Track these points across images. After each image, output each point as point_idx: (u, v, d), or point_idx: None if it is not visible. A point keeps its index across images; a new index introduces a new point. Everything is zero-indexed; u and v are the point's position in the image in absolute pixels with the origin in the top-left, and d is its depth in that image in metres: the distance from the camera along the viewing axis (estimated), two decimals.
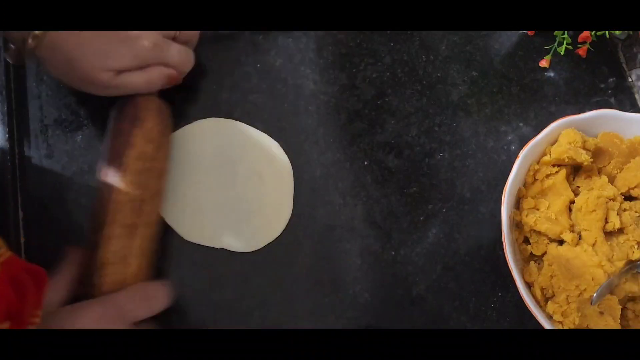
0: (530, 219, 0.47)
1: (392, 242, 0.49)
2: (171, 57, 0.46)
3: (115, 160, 0.44)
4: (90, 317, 0.38)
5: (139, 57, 0.43)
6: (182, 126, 0.51)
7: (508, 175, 0.46)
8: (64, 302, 0.41)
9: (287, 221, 0.49)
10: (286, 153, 0.51)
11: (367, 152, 0.52)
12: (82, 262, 0.43)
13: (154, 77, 0.45)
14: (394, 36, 0.56)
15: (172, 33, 0.46)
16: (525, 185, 0.48)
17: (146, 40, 0.43)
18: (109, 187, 0.43)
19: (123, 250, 0.43)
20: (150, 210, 0.45)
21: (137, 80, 0.44)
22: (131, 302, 0.41)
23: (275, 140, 0.51)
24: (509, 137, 0.53)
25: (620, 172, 0.49)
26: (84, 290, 0.42)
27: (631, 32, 0.56)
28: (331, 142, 0.52)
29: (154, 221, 0.46)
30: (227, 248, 0.48)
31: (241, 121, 0.52)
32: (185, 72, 0.48)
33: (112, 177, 0.43)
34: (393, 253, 0.49)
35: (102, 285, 0.42)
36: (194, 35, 0.49)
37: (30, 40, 0.40)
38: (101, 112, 0.51)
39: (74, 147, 0.50)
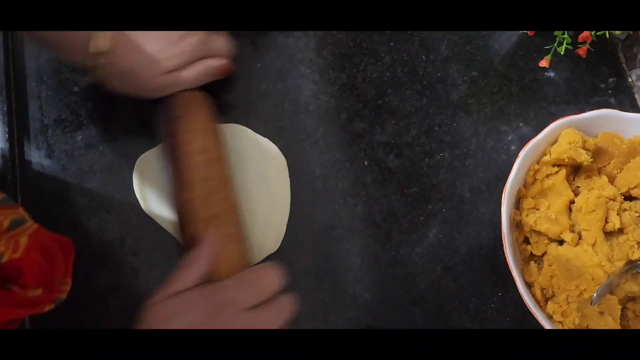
0: (530, 219, 0.47)
1: (392, 242, 0.49)
2: (218, 48, 0.48)
3: (175, 160, 0.45)
4: (201, 307, 0.38)
5: (190, 53, 0.45)
6: None
7: (508, 175, 0.46)
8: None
9: (280, 239, 0.49)
10: (286, 153, 0.51)
11: (367, 152, 0.52)
12: (213, 259, 0.41)
13: (203, 70, 0.47)
14: (394, 36, 0.56)
15: None
16: (525, 185, 0.48)
17: (193, 36, 0.45)
18: (181, 188, 0.44)
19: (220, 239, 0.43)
20: (225, 196, 0.45)
21: (189, 76, 0.46)
22: (240, 289, 0.40)
23: (275, 140, 0.51)
24: (509, 137, 0.53)
25: (620, 172, 0.49)
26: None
27: (631, 32, 0.56)
28: (331, 142, 0.52)
29: (233, 207, 0.45)
30: None
31: (241, 122, 0.51)
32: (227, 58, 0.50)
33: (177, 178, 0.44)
34: (393, 253, 0.49)
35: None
36: None
37: (93, 60, 0.43)
38: (101, 112, 0.51)
39: (74, 147, 0.50)
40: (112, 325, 0.45)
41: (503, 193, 0.46)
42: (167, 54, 0.44)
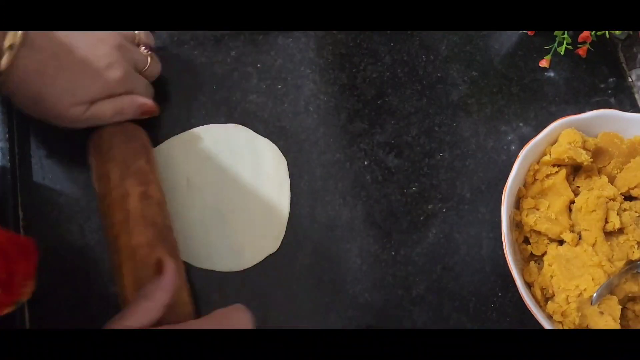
0: (530, 219, 0.47)
1: (392, 242, 0.49)
2: (138, 89, 0.45)
3: (101, 195, 0.44)
4: None
5: (108, 89, 0.43)
6: (178, 133, 0.50)
7: (508, 175, 0.46)
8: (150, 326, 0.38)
9: (280, 239, 0.48)
10: (286, 153, 0.51)
11: (367, 152, 0.52)
12: (175, 287, 0.39)
13: (125, 106, 0.44)
14: (394, 36, 0.56)
15: (139, 65, 0.46)
16: (525, 185, 0.48)
17: (117, 71, 0.43)
18: (108, 225, 0.43)
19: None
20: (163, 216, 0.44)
21: (106, 111, 0.43)
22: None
23: (275, 140, 0.51)
24: (509, 137, 0.53)
25: (620, 172, 0.49)
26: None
27: (631, 32, 0.56)
28: (331, 142, 0.52)
29: (170, 235, 0.44)
30: (215, 269, 0.47)
31: (241, 122, 0.51)
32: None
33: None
34: (393, 253, 0.49)
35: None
36: (157, 70, 0.48)
37: None
38: None
39: (74, 147, 0.50)
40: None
41: (503, 193, 0.46)
42: (81, 86, 0.41)
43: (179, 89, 0.52)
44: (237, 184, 0.49)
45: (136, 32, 0.46)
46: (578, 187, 0.48)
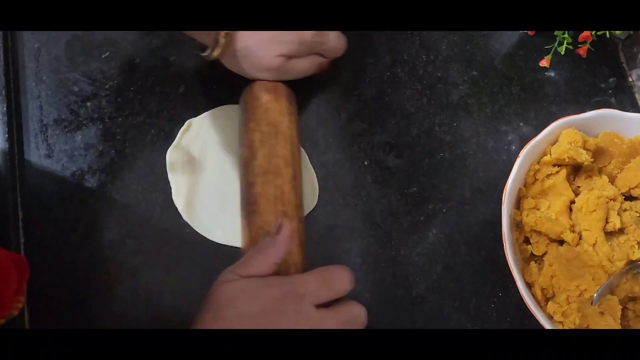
0: (530, 219, 0.46)
1: (392, 242, 0.49)
2: (330, 42, 0.50)
3: (245, 148, 0.47)
4: (271, 295, 0.38)
5: (304, 43, 0.47)
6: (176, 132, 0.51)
7: (508, 175, 0.46)
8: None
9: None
10: None
11: (367, 152, 0.52)
12: (287, 250, 0.41)
13: (312, 64, 0.50)
14: (394, 36, 0.56)
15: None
16: (526, 185, 0.48)
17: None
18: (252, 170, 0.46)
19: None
20: (294, 189, 0.46)
21: (301, 66, 0.49)
22: (312, 284, 0.40)
23: None
24: (510, 137, 0.53)
25: (620, 172, 0.49)
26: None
27: (631, 32, 0.56)
28: (331, 142, 0.52)
29: (299, 203, 0.47)
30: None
31: None
32: (336, 57, 0.52)
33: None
34: (393, 253, 0.49)
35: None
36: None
37: (222, 39, 0.45)
38: (101, 112, 0.51)
39: (74, 147, 0.50)
40: (112, 325, 0.45)
41: (503, 193, 0.46)
42: (282, 40, 0.46)
43: (179, 89, 0.52)
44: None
45: None
46: (578, 187, 0.48)
